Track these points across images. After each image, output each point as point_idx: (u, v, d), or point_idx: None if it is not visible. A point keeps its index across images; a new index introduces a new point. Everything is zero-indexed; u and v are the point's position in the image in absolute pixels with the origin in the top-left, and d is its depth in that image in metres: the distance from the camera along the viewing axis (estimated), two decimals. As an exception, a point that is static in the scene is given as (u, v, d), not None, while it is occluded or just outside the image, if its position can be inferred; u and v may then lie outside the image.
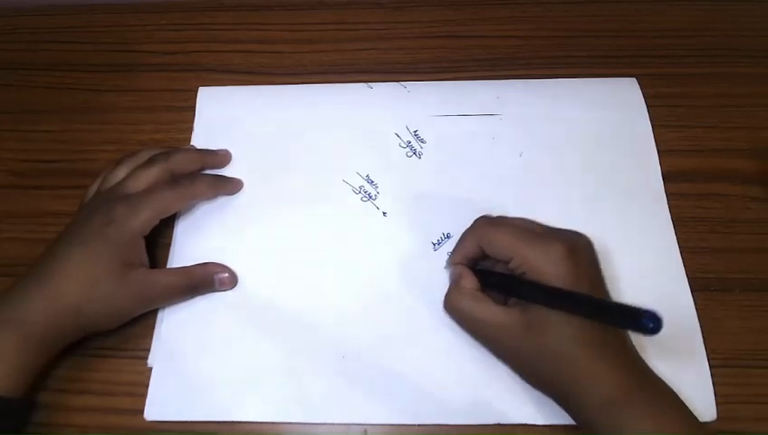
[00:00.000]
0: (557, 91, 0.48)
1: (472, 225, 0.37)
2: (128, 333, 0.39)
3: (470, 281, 0.36)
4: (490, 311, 0.34)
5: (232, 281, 0.40)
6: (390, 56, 0.50)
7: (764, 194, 0.44)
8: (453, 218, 0.42)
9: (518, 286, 0.34)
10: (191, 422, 0.37)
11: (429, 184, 0.44)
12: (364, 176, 0.44)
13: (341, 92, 0.48)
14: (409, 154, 0.45)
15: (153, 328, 0.40)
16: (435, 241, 0.42)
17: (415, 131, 0.46)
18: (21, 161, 0.47)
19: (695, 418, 0.32)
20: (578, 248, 0.34)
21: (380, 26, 0.52)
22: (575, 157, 0.45)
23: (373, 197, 0.44)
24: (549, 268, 0.32)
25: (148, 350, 0.39)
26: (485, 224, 0.36)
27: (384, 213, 0.43)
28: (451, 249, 0.41)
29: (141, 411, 0.37)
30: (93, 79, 0.50)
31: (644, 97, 0.47)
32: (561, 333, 0.32)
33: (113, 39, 0.52)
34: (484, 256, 0.37)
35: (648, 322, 0.27)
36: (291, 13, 0.53)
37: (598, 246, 0.36)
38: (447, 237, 0.42)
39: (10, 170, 0.46)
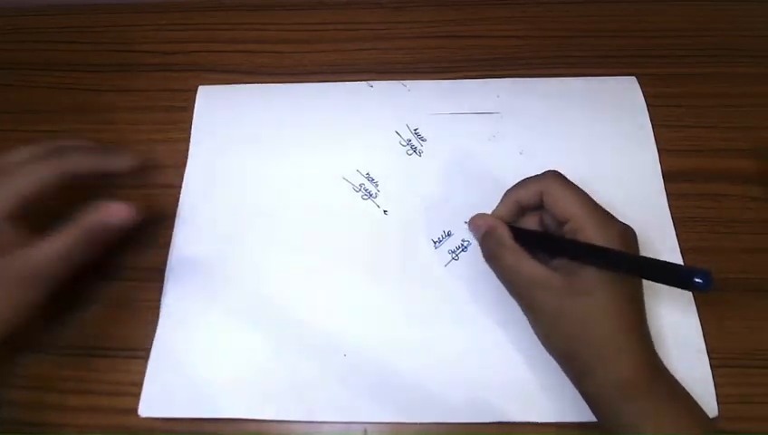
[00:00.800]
0: (557, 89, 0.48)
1: (541, 174, 0.37)
2: (128, 333, 0.39)
3: (506, 231, 0.36)
4: (535, 268, 0.34)
5: (126, 211, 0.36)
6: (390, 56, 0.50)
7: (764, 194, 0.44)
8: (453, 216, 0.42)
9: (570, 245, 0.34)
10: (188, 420, 0.37)
11: (430, 182, 0.44)
12: (364, 174, 0.45)
13: (342, 91, 0.48)
14: (410, 152, 0.45)
15: (154, 328, 0.40)
16: (435, 239, 0.42)
17: (415, 130, 0.46)
18: (21, 161, 0.47)
19: (703, 411, 0.32)
20: (630, 236, 0.34)
21: (380, 26, 0.52)
22: (575, 155, 0.45)
23: (373, 195, 0.44)
24: (602, 243, 0.33)
25: (148, 350, 0.39)
26: (556, 178, 0.36)
27: (385, 211, 0.43)
28: (452, 247, 0.42)
29: (141, 411, 0.37)
30: (93, 79, 0.50)
31: (644, 97, 0.47)
32: (601, 303, 0.32)
33: (113, 39, 0.52)
34: (533, 208, 0.37)
35: (699, 276, 0.28)
36: (291, 13, 0.53)
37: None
38: (448, 235, 0.42)
39: (10, 170, 0.46)
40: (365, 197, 0.44)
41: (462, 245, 0.42)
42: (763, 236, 0.42)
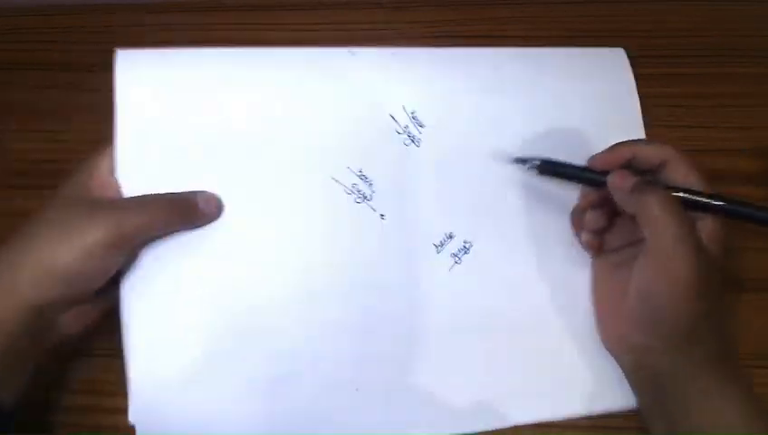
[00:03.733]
0: (542, 60, 0.44)
1: (662, 144, 0.36)
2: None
3: None
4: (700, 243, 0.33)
5: (217, 204, 0.36)
6: (390, 56, 0.50)
7: (764, 194, 0.44)
8: (453, 215, 0.40)
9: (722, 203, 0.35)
10: None
11: (428, 177, 0.40)
12: (357, 171, 0.39)
13: (318, 61, 0.40)
14: (407, 142, 0.40)
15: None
16: (437, 243, 0.39)
17: (412, 113, 0.40)
18: (21, 161, 0.47)
19: None
20: None
21: (380, 26, 0.52)
22: (562, 134, 0.42)
23: (368, 197, 0.39)
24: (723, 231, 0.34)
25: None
26: (683, 153, 0.36)
27: (381, 216, 0.39)
28: (454, 250, 0.39)
29: (141, 411, 0.37)
30: (93, 79, 0.50)
31: (643, 97, 0.46)
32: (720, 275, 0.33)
33: (113, 39, 0.52)
34: (637, 168, 0.36)
35: None
36: (291, 13, 0.53)
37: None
38: (450, 238, 0.39)
39: (10, 170, 0.46)
40: (359, 200, 0.38)
41: (464, 247, 0.39)
42: (764, 236, 0.42)
